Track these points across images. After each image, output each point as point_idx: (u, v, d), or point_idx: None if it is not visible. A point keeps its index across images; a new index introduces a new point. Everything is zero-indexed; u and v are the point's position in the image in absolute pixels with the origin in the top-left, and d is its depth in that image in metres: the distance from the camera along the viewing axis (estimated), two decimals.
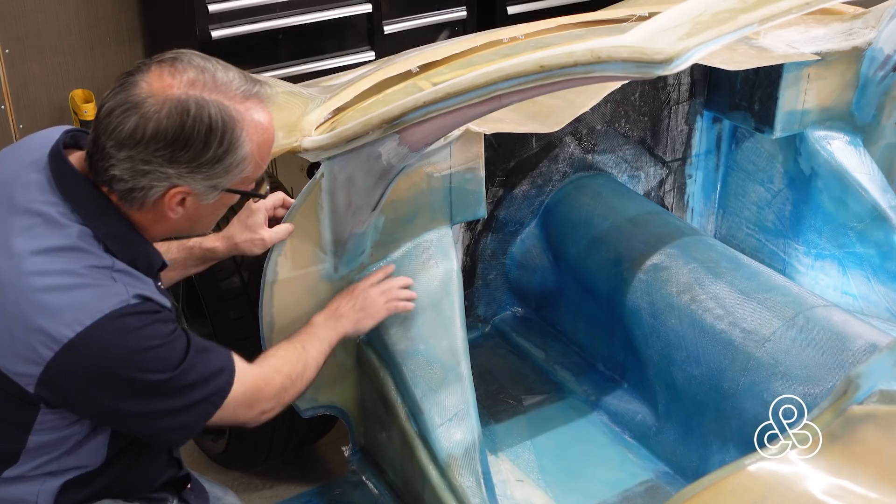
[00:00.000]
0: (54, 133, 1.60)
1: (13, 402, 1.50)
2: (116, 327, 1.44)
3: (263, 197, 1.67)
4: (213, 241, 1.97)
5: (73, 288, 1.45)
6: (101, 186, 1.51)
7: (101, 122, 1.48)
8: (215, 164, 1.49)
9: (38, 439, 1.54)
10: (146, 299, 1.50)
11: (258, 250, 1.96)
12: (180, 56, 1.51)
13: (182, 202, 1.53)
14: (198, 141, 1.47)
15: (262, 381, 1.69)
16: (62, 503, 1.60)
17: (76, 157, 1.55)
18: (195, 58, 1.51)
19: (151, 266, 1.57)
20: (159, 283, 1.61)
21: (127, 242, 1.53)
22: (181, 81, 1.47)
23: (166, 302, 1.56)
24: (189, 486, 1.81)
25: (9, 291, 1.45)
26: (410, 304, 2.04)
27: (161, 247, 1.95)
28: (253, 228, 1.94)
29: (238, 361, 1.64)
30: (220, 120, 1.47)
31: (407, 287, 2.05)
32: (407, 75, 2.24)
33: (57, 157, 1.53)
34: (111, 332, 1.44)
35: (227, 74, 1.51)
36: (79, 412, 1.52)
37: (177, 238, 2.00)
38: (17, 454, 1.55)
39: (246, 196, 1.61)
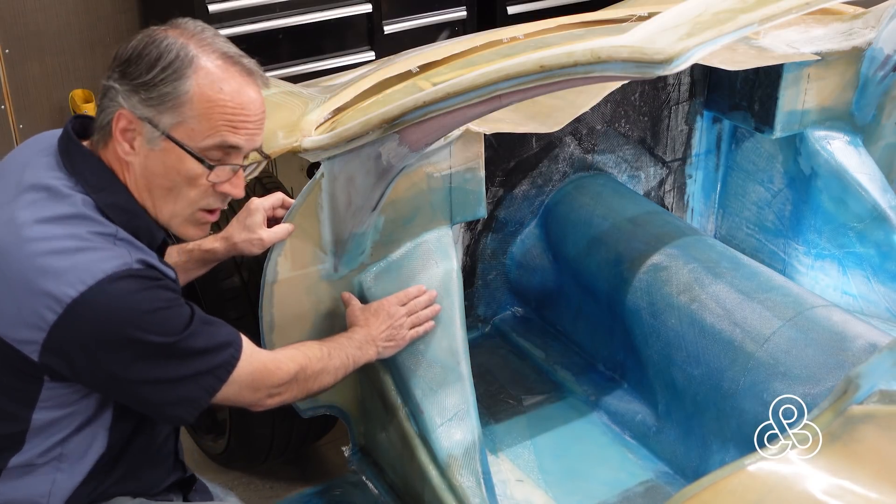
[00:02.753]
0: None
1: (17, 376, 1.50)
2: (119, 287, 1.45)
3: (209, 167, 1.55)
4: (212, 243, 1.97)
5: (77, 251, 1.46)
6: (100, 147, 1.55)
7: None
8: (152, 87, 1.50)
9: (42, 417, 1.53)
10: (149, 266, 1.51)
11: (257, 250, 1.95)
12: (187, 20, 1.58)
13: (132, 140, 1.53)
14: (147, 61, 1.50)
15: (272, 365, 1.69)
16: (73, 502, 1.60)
17: (86, 144, 1.58)
18: (198, 23, 1.58)
19: (153, 239, 1.58)
20: (164, 260, 1.62)
21: (129, 214, 1.54)
22: (173, 27, 1.55)
23: (170, 273, 1.56)
24: (194, 487, 1.81)
25: (12, 259, 1.46)
26: (431, 325, 2.04)
27: None
28: (251, 228, 1.94)
29: (247, 341, 1.64)
30: (175, 52, 1.51)
31: (430, 300, 2.04)
32: (407, 75, 2.24)
33: (65, 136, 1.57)
34: (114, 291, 1.45)
35: (217, 39, 1.56)
36: (84, 380, 1.51)
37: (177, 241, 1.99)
38: (23, 436, 1.54)
39: (193, 157, 1.53)
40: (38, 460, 1.57)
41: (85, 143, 1.57)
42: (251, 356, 1.63)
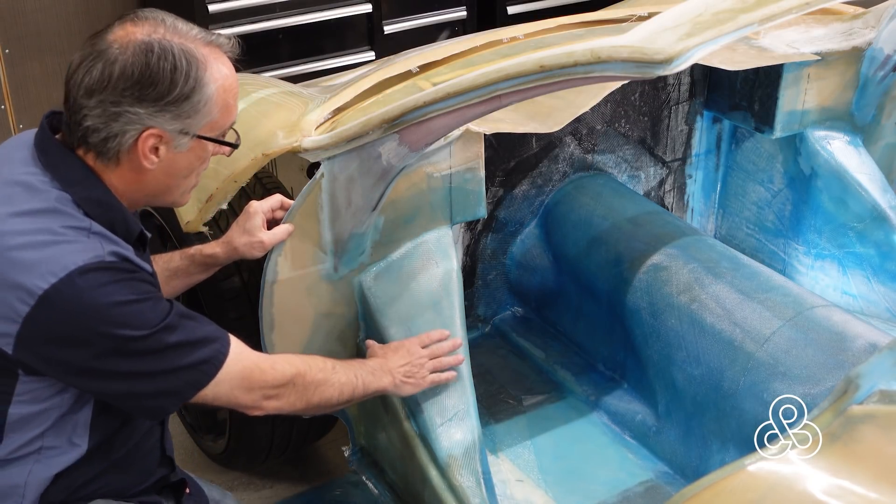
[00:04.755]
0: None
1: None
2: (90, 279, 1.45)
3: (235, 146, 1.63)
4: (213, 247, 1.97)
5: (49, 244, 1.46)
6: (78, 148, 1.53)
7: (71, 78, 1.52)
8: (183, 101, 1.51)
9: (19, 412, 1.53)
10: (123, 259, 1.50)
11: (258, 253, 1.95)
12: (142, 11, 1.56)
13: (156, 151, 1.53)
14: (164, 78, 1.49)
15: (265, 364, 1.66)
16: (51, 495, 1.59)
17: (59, 137, 1.58)
18: (156, 12, 1.56)
19: (129, 232, 1.57)
20: (145, 254, 1.63)
21: (104, 207, 1.53)
22: (143, 29, 1.51)
23: (147, 267, 1.56)
24: (188, 490, 1.80)
25: None
26: (453, 375, 2.01)
27: (163, 257, 1.96)
28: (251, 232, 1.94)
29: (238, 341, 1.62)
30: (184, 59, 1.50)
31: (453, 347, 2.03)
32: (407, 75, 2.24)
33: (40, 132, 1.56)
34: (85, 283, 1.44)
35: (187, 25, 1.56)
36: (59, 374, 1.50)
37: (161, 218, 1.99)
38: (0, 431, 1.54)
39: (218, 145, 1.59)
40: (17, 454, 1.56)
41: (57, 137, 1.57)
42: (241, 354, 1.62)
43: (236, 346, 1.62)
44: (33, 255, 1.45)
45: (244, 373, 1.62)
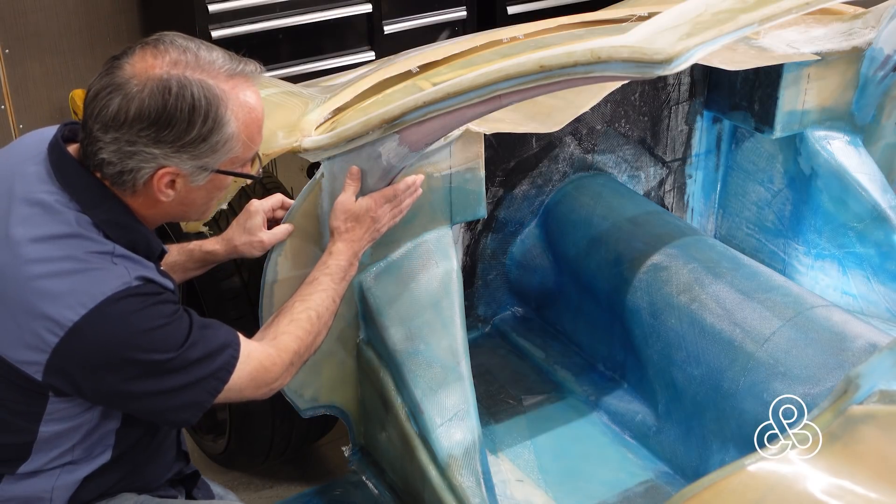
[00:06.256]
0: (51, 130, 1.61)
1: (22, 393, 1.51)
2: (120, 309, 1.45)
3: (256, 178, 1.64)
4: (213, 244, 1.97)
5: (75, 273, 1.45)
6: (95, 172, 1.52)
7: (88, 106, 1.49)
8: (200, 143, 1.49)
9: (49, 430, 1.54)
10: (148, 281, 1.50)
11: (257, 252, 1.95)
12: (163, 37, 1.51)
13: (172, 184, 1.53)
14: (181, 120, 1.46)
15: (268, 362, 1.67)
16: (77, 499, 1.61)
17: (73, 149, 1.56)
18: (178, 38, 1.52)
19: (151, 251, 1.58)
20: (161, 269, 1.62)
21: (125, 229, 1.53)
22: (164, 62, 1.48)
23: (168, 283, 1.56)
24: (197, 484, 1.82)
25: (10, 280, 1.46)
26: (406, 209, 1.96)
27: None
28: (251, 231, 1.94)
29: (243, 340, 1.63)
30: (204, 98, 1.47)
31: (415, 189, 1.96)
32: (407, 75, 2.24)
33: (55, 149, 1.54)
34: (115, 313, 1.45)
35: (211, 54, 1.52)
36: (88, 397, 1.52)
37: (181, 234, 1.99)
38: (29, 447, 1.55)
39: (237, 177, 1.60)
40: (46, 467, 1.58)
41: (70, 149, 1.55)
42: (249, 355, 1.63)
43: (244, 346, 1.63)
44: (60, 284, 1.44)
45: (253, 374, 1.63)
